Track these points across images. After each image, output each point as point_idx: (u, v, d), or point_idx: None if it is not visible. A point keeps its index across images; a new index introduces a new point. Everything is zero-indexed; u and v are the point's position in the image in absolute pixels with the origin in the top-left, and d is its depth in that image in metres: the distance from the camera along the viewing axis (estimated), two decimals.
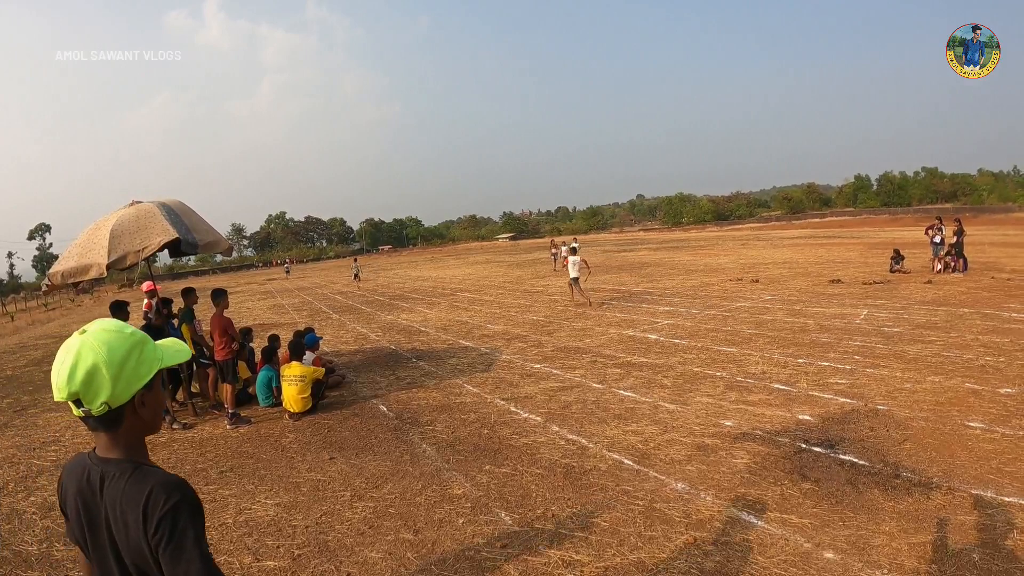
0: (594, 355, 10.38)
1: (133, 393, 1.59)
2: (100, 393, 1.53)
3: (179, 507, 1.50)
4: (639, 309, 15.51)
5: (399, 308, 20.95)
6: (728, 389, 7.85)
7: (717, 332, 11.61)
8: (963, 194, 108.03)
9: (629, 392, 8.01)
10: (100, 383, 1.53)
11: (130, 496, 1.53)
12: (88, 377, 1.52)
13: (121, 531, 1.54)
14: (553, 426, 6.89)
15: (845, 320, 11.87)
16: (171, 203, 8.44)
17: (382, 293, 28.21)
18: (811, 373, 8.28)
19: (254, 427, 8.08)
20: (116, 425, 1.60)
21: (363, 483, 5.76)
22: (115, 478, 1.57)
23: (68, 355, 1.54)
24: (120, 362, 1.56)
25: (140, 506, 1.50)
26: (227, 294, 8.59)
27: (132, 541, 1.52)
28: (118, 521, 1.55)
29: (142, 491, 1.52)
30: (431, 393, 8.82)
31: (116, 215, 8.05)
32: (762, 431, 6.28)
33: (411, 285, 31.73)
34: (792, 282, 18.88)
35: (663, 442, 6.16)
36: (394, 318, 18.26)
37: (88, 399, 1.53)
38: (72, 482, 1.66)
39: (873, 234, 49.41)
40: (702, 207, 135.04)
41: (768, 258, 29.64)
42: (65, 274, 7.81)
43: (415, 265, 57.37)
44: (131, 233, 7.64)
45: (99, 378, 1.53)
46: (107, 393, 1.53)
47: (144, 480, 1.54)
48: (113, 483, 1.57)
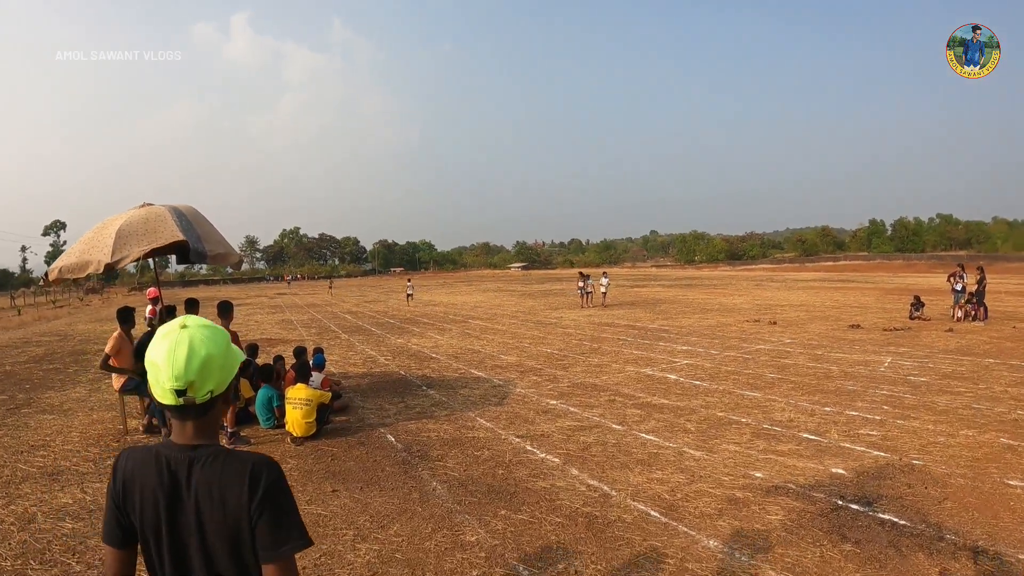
0: (612, 393, 9.94)
1: (230, 382, 1.76)
2: (209, 381, 1.67)
3: (280, 479, 1.65)
4: (656, 347, 15.08)
5: (409, 332, 20.56)
6: (755, 437, 7.40)
7: (738, 375, 11.19)
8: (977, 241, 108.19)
9: (651, 436, 7.56)
10: (211, 372, 1.66)
11: (230, 473, 1.63)
12: (203, 366, 1.65)
13: (217, 510, 1.62)
14: (572, 469, 6.44)
15: (869, 367, 11.53)
16: (184, 209, 8.13)
17: (392, 316, 27.88)
18: (840, 423, 7.87)
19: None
20: (207, 413, 1.71)
21: (368, 521, 5.33)
22: (208, 461, 1.65)
23: (180, 346, 1.64)
24: (224, 354, 1.71)
25: (245, 479, 1.61)
26: (233, 308, 8.23)
27: (229, 517, 1.61)
28: (213, 501, 1.62)
29: (244, 467, 1.63)
30: (442, 425, 8.39)
31: (126, 215, 7.74)
32: (795, 485, 5.84)
33: (422, 309, 31.40)
34: (811, 326, 18.61)
35: (691, 493, 5.72)
36: (404, 342, 17.87)
37: (198, 387, 1.65)
38: (148, 476, 1.69)
39: (888, 280, 49.15)
40: (715, 246, 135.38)
41: (784, 300, 29.42)
42: (64, 269, 7.52)
43: (427, 289, 57.13)
44: (139, 235, 7.33)
45: (211, 367, 1.66)
46: (215, 382, 1.68)
47: (241, 459, 1.66)
48: (206, 466, 1.65)
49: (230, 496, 1.61)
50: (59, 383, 12.84)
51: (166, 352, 1.64)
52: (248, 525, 1.60)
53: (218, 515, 1.62)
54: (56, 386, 12.48)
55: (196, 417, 1.70)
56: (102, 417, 9.49)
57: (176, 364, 1.63)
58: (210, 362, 1.66)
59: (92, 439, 8.26)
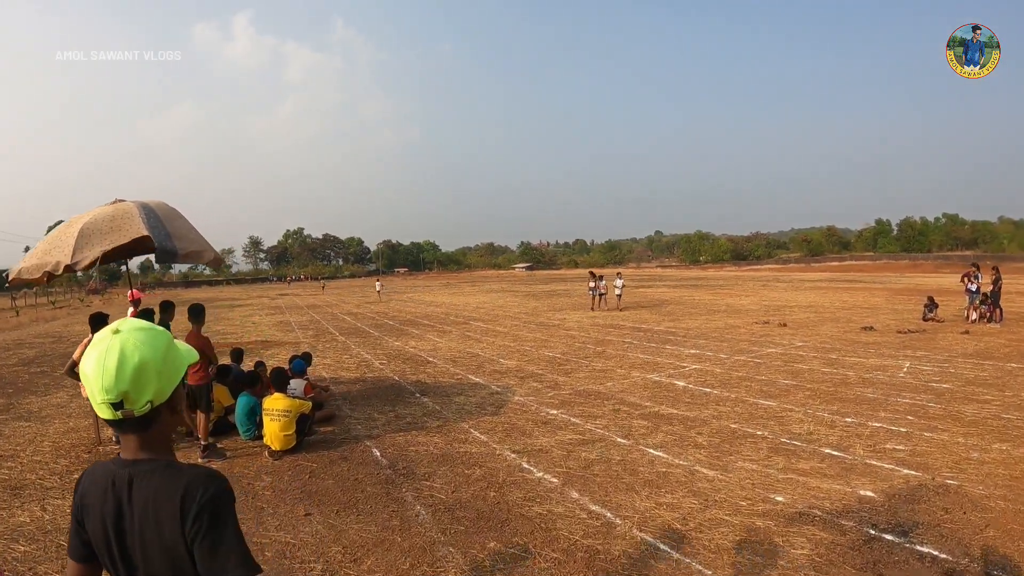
0: (617, 402, 9.31)
1: (173, 389, 1.59)
2: (147, 391, 1.51)
3: (217, 498, 1.48)
4: (663, 351, 14.46)
5: (408, 334, 19.97)
6: (773, 452, 6.78)
7: (751, 381, 10.56)
8: (983, 241, 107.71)
9: (659, 452, 6.93)
10: (148, 380, 1.51)
11: (164, 491, 1.49)
12: (136, 375, 1.49)
13: (152, 530, 1.48)
14: (572, 492, 5.80)
15: (888, 373, 10.93)
16: (155, 205, 7.54)
17: (392, 317, 27.31)
18: (864, 436, 7.26)
19: (227, 463, 7.07)
20: (151, 425, 1.57)
21: (340, 553, 4.72)
22: (146, 476, 1.52)
23: (110, 355, 1.49)
24: (162, 359, 1.55)
25: (177, 499, 1.46)
26: (205, 311, 7.63)
27: (166, 539, 1.47)
28: (150, 520, 1.49)
29: (178, 485, 1.48)
30: (432, 437, 7.77)
31: (92, 213, 7.19)
32: (821, 511, 5.22)
33: (423, 310, 30.83)
34: (822, 328, 18.07)
35: (705, 521, 5.09)
36: (402, 344, 17.28)
37: (134, 398, 1.50)
38: (97, 492, 1.57)
39: (895, 280, 48.66)
40: (720, 246, 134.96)
41: (792, 301, 28.86)
42: (24, 271, 6.99)
43: (429, 290, 56.67)
44: (102, 233, 6.75)
45: (147, 375, 1.51)
46: (153, 391, 1.52)
47: (179, 474, 1.52)
48: (144, 482, 1.52)
49: (164, 515, 1.47)
50: (43, 387, 12.46)
51: (95, 361, 1.49)
52: (185, 550, 1.46)
53: (156, 537, 1.48)
54: (40, 390, 12.09)
55: (138, 431, 1.56)
56: (78, 425, 9.01)
57: (106, 374, 1.47)
58: (145, 369, 1.50)
59: (64, 450, 7.78)
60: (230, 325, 25.88)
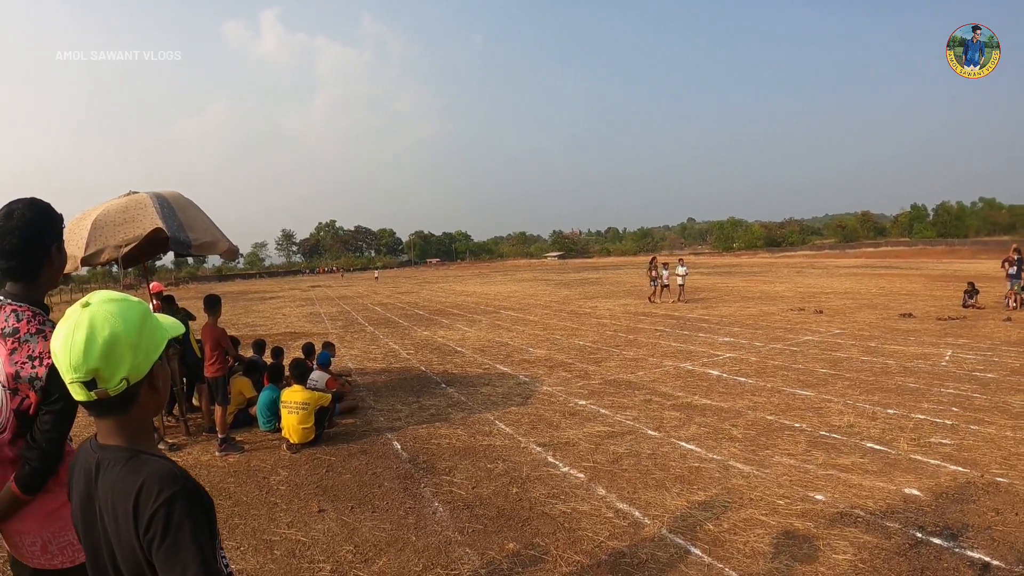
0: (648, 392, 8.97)
1: (152, 364, 1.45)
2: (120, 367, 1.37)
3: (174, 500, 1.29)
4: (696, 339, 14.05)
5: (437, 324, 19.78)
6: (812, 447, 6.39)
7: (787, 370, 10.13)
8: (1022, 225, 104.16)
9: (692, 445, 6.58)
10: (121, 355, 1.36)
11: (122, 487, 1.35)
12: (107, 350, 1.34)
13: (112, 526, 1.36)
14: (599, 488, 5.49)
15: (930, 362, 10.44)
16: (168, 195, 7.36)
17: (422, 307, 27.17)
18: (907, 429, 6.82)
19: (245, 457, 6.90)
20: (127, 407, 1.43)
21: (351, 552, 4.48)
22: (110, 466, 1.40)
23: (78, 330, 1.34)
24: (137, 331, 1.40)
25: (131, 500, 1.31)
26: (221, 302, 7.44)
27: (123, 539, 1.34)
28: (110, 514, 1.37)
29: (135, 482, 1.33)
30: (455, 430, 7.51)
31: (104, 205, 7.02)
32: (863, 511, 4.84)
33: (454, 300, 30.65)
34: (859, 314, 17.48)
35: (740, 522, 4.74)
36: (430, 334, 17.08)
37: (107, 376, 1.35)
38: (80, 469, 1.50)
39: (932, 266, 47.37)
40: (754, 233, 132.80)
41: (828, 287, 28.10)
42: None
43: (461, 280, 56.55)
44: (115, 225, 6.58)
45: (119, 350, 1.36)
46: (128, 367, 1.38)
47: (138, 470, 1.36)
48: (108, 472, 1.40)
49: (120, 513, 1.34)
50: None
51: (63, 338, 1.36)
52: (141, 554, 1.31)
53: (115, 531, 1.36)
54: None
55: (114, 413, 1.43)
56: None
57: (74, 351, 1.33)
58: (116, 343, 1.35)
59: None
60: (260, 317, 25.94)
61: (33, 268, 2.18)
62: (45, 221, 2.18)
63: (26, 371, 2.04)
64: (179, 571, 1.25)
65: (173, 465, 1.40)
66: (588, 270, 65.35)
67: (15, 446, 2.11)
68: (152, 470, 1.35)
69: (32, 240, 2.14)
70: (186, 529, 1.28)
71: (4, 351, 2.08)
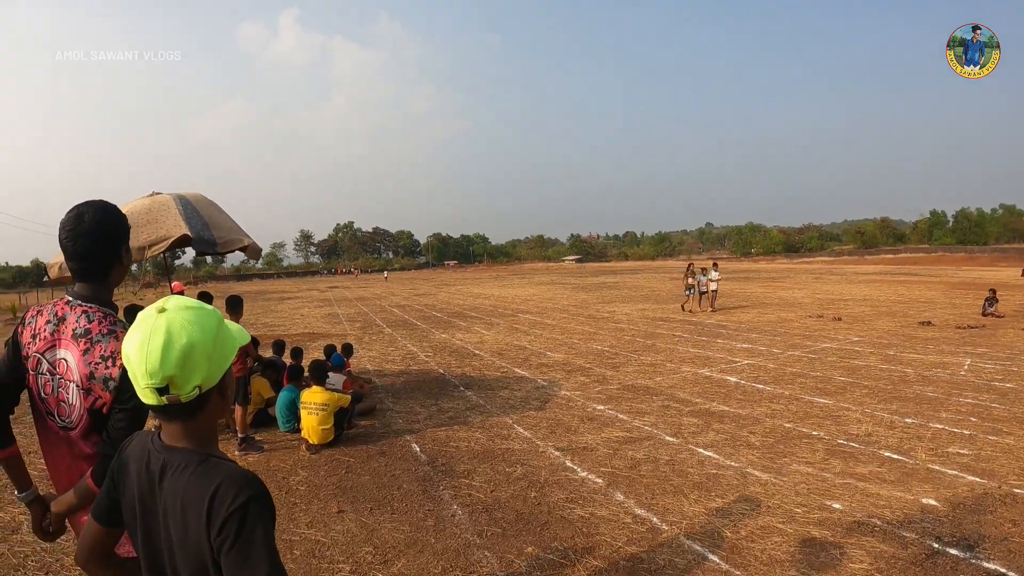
0: (666, 398, 8.95)
1: (223, 372, 1.47)
2: (195, 375, 1.38)
3: (249, 505, 1.33)
4: (714, 344, 13.99)
5: (455, 327, 19.83)
6: (829, 455, 6.35)
7: (805, 377, 10.08)
8: None
9: (710, 452, 6.57)
10: (196, 363, 1.38)
11: (194, 490, 1.36)
12: (184, 358, 1.36)
13: (179, 528, 1.38)
14: (617, 494, 5.50)
15: (948, 371, 10.34)
16: (191, 196, 7.45)
17: (440, 309, 27.24)
18: (925, 438, 6.78)
19: (264, 457, 6.97)
20: (198, 412, 1.46)
21: (370, 554, 4.52)
22: (179, 469, 1.41)
23: (156, 336, 1.35)
24: (212, 340, 1.41)
25: (205, 502, 1.33)
26: (243, 303, 7.52)
27: (191, 540, 1.36)
28: (177, 516, 1.38)
29: (208, 486, 1.35)
30: (474, 433, 7.54)
31: (128, 206, 7.09)
32: (880, 520, 4.81)
33: (472, 303, 30.71)
34: (878, 322, 17.33)
35: (757, 529, 4.73)
36: (448, 337, 17.14)
37: (181, 383, 1.37)
38: (134, 462, 1.51)
39: (951, 273, 46.83)
40: (772, 238, 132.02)
41: (846, 294, 27.86)
42: (63, 266, 6.89)
43: (479, 282, 56.62)
44: (138, 227, 6.65)
45: (195, 358, 1.37)
46: (202, 375, 1.40)
47: (212, 473, 1.38)
48: (176, 474, 1.41)
49: (191, 516, 1.35)
50: None
51: (139, 343, 1.36)
52: (209, 554, 1.33)
53: (181, 533, 1.38)
54: None
55: (184, 418, 1.45)
56: None
57: (151, 357, 1.34)
58: (193, 352, 1.37)
59: None
60: (279, 318, 26.12)
61: (103, 269, 2.23)
62: (114, 223, 2.22)
63: (100, 371, 2.09)
64: (249, 572, 1.29)
65: (245, 470, 1.42)
66: (606, 274, 65.22)
67: (89, 440, 2.17)
68: (228, 474, 1.38)
69: (103, 242, 2.19)
70: (259, 533, 1.32)
71: (77, 352, 2.13)
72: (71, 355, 2.15)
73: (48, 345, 2.20)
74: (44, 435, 2.30)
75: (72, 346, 2.15)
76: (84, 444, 2.18)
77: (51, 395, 2.21)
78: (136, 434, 1.61)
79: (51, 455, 2.31)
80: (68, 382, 2.17)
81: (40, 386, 2.23)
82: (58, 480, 2.32)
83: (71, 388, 2.16)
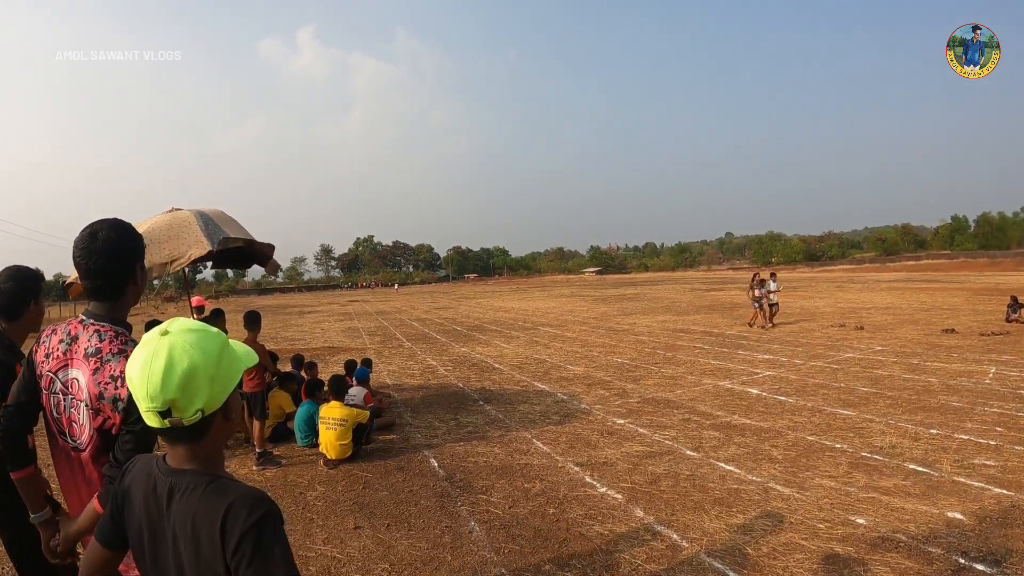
0: (687, 411, 8.85)
1: (227, 396, 1.45)
2: (197, 399, 1.37)
3: (264, 522, 1.32)
4: (735, 356, 13.85)
5: (475, 340, 19.81)
6: (853, 468, 6.23)
7: (828, 389, 9.93)
8: None
9: (731, 466, 6.46)
10: (198, 387, 1.36)
11: (206, 511, 1.35)
12: (185, 381, 1.34)
13: (190, 550, 1.36)
14: (637, 510, 5.41)
15: (973, 379, 10.15)
16: (210, 212, 7.51)
17: (460, 323, 27.25)
18: (950, 450, 6.63)
19: (282, 472, 6.97)
20: (202, 435, 1.44)
21: (386, 571, 4.47)
22: (188, 491, 1.40)
23: (157, 359, 1.35)
24: (215, 363, 1.40)
25: (218, 522, 1.31)
26: (261, 318, 7.54)
27: (204, 561, 1.34)
28: (187, 539, 1.36)
29: (220, 506, 1.33)
30: (493, 448, 7.49)
31: (149, 222, 7.17)
32: (905, 535, 4.69)
33: (491, 316, 30.71)
34: (900, 330, 17.09)
35: (779, 546, 4.63)
36: (468, 351, 17.12)
37: (182, 406, 1.36)
38: (139, 486, 1.50)
39: (974, 279, 46.20)
40: (793, 247, 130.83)
41: (868, 302, 27.56)
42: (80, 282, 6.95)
43: (498, 295, 56.65)
44: (160, 242, 6.71)
45: (197, 381, 1.36)
46: (204, 398, 1.38)
47: (222, 494, 1.37)
48: (185, 497, 1.40)
49: (204, 537, 1.33)
50: None
51: (140, 366, 1.36)
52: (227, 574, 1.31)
53: (193, 555, 1.36)
54: None
55: (189, 441, 1.44)
56: None
57: (152, 380, 1.34)
58: (195, 375, 1.35)
59: None
60: (299, 331, 26.27)
61: (118, 287, 2.22)
62: (128, 240, 2.21)
63: (109, 391, 2.07)
64: None
65: (255, 488, 1.41)
66: (626, 286, 64.99)
67: (99, 463, 2.15)
68: (240, 494, 1.37)
69: (117, 260, 2.18)
70: (276, 550, 1.31)
71: (88, 371, 2.12)
72: (82, 374, 2.14)
73: (61, 364, 2.19)
74: (57, 455, 2.30)
75: (83, 365, 2.13)
76: (94, 467, 2.16)
77: (63, 415, 2.20)
78: (138, 458, 1.60)
79: (63, 475, 2.30)
80: (79, 402, 2.15)
81: (53, 406, 2.23)
82: (70, 500, 2.32)
83: (81, 408, 2.15)
